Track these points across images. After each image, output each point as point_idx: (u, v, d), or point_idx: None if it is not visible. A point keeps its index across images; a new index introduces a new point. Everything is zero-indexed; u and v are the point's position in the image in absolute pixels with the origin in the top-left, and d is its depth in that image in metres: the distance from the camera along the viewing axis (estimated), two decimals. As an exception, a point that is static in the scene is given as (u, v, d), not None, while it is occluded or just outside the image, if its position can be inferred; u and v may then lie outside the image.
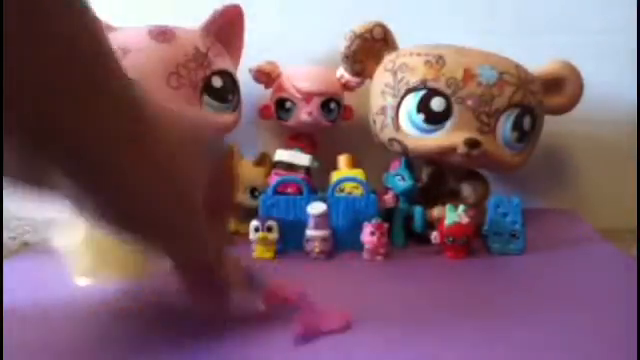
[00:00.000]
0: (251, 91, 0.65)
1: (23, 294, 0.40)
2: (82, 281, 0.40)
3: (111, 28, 0.57)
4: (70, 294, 0.41)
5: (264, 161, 0.59)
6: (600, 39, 0.68)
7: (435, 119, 0.52)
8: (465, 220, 0.49)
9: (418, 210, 0.53)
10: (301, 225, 0.50)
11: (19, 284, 0.42)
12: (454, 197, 0.55)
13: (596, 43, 0.68)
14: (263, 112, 0.64)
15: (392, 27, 0.57)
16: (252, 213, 0.52)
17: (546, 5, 0.69)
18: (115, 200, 0.25)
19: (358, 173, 0.55)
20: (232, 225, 0.56)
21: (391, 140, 0.55)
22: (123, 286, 0.39)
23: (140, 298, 0.38)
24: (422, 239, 0.52)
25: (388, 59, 0.56)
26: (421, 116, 0.52)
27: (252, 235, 0.49)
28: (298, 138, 0.65)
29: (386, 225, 0.49)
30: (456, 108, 0.52)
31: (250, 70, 0.63)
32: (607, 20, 0.68)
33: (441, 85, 0.52)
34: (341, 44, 0.56)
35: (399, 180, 0.54)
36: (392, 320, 0.35)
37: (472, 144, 0.51)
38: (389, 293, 0.41)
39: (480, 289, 0.42)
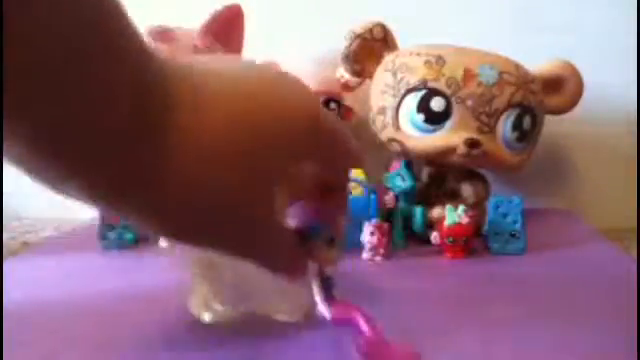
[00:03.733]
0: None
1: (23, 294, 0.40)
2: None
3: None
4: (70, 294, 0.41)
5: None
6: (600, 39, 0.68)
7: (435, 119, 0.52)
8: (465, 220, 0.49)
9: (418, 210, 0.53)
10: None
11: (19, 284, 0.42)
12: (454, 197, 0.55)
13: (596, 43, 0.68)
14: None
15: (392, 27, 0.57)
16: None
17: (546, 5, 0.69)
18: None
19: (358, 173, 0.55)
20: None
21: (391, 140, 0.55)
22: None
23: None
24: (422, 239, 0.52)
25: (388, 59, 0.56)
26: (421, 116, 0.52)
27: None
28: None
29: (386, 225, 0.49)
30: (456, 108, 0.52)
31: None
32: (607, 20, 0.68)
33: (441, 85, 0.52)
34: (341, 44, 0.56)
35: (399, 180, 0.54)
36: (392, 320, 0.35)
37: (472, 144, 0.51)
38: (389, 293, 0.41)
39: (480, 289, 0.42)
